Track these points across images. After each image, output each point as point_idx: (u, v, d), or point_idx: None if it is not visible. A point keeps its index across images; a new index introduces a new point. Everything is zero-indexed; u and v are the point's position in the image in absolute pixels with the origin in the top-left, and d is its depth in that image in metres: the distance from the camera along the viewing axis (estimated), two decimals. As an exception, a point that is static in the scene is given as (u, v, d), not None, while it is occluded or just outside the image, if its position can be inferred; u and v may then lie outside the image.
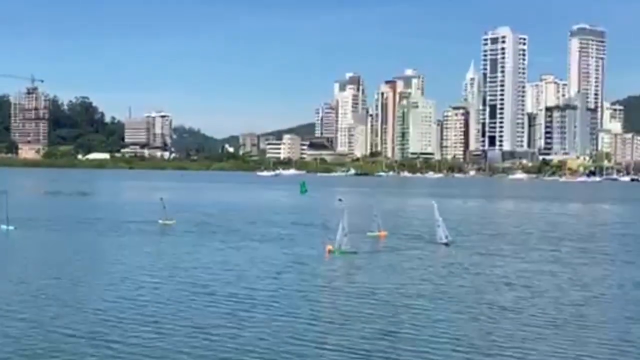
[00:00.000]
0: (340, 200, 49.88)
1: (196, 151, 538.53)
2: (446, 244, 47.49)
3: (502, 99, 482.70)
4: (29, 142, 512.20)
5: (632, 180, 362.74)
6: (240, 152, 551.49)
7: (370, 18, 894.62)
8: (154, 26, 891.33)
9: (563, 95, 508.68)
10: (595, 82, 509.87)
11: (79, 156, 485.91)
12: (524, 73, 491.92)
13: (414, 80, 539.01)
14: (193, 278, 33.65)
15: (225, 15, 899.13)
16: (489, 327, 24.48)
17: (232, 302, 27.95)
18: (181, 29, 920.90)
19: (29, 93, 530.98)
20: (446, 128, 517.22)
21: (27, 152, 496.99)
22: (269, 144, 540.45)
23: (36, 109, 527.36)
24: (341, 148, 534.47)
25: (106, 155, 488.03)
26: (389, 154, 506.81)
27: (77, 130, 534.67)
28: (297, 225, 64.63)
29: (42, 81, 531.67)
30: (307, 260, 40.66)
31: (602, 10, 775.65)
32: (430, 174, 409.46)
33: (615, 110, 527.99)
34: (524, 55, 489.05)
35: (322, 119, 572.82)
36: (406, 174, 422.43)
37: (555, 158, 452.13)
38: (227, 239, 51.72)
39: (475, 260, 41.52)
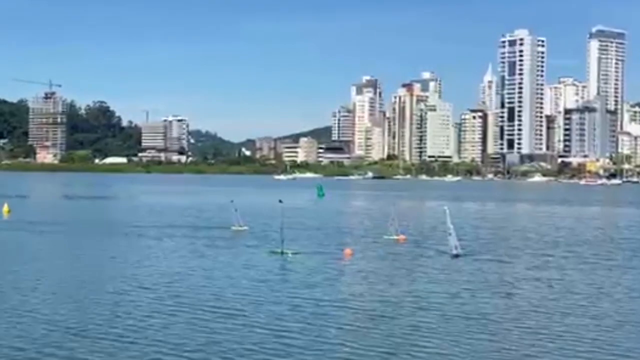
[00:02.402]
0: (280, 201, 48.36)
1: (213, 155, 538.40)
2: (456, 255, 43.40)
3: (520, 102, 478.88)
4: (46, 146, 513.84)
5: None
6: (257, 156, 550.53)
7: (387, 21, 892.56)
8: (170, 30, 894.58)
9: (582, 97, 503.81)
10: (615, 84, 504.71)
11: (96, 160, 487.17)
12: (542, 75, 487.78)
13: (432, 84, 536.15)
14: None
15: (241, 18, 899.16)
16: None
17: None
18: (198, 33, 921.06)
19: (46, 98, 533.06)
20: (464, 131, 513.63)
21: (44, 157, 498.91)
22: (285, 147, 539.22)
23: (54, 113, 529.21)
24: (358, 151, 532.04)
25: (123, 160, 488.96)
26: (407, 157, 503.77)
27: (95, 135, 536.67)
28: (319, 230, 62.87)
29: (60, 86, 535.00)
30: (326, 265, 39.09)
31: (622, 12, 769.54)
32: (448, 177, 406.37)
33: (635, 112, 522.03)
34: (542, 57, 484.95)
35: (339, 122, 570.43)
36: (424, 177, 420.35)
37: (574, 161, 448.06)
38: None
39: (483, 271, 38.68)
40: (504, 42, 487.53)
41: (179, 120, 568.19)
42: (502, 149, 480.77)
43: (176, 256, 43.85)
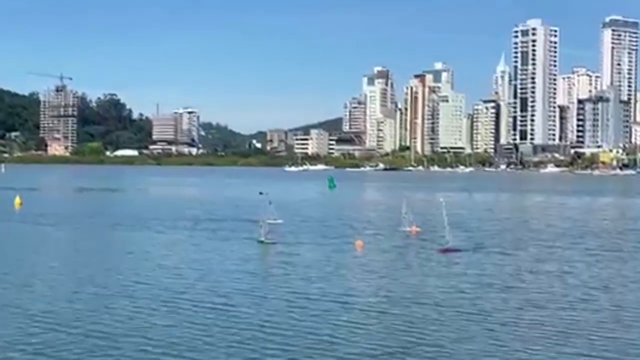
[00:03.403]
0: (261, 193, 47.81)
1: (223, 147, 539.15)
2: (446, 250, 41.75)
3: (533, 92, 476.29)
4: (57, 139, 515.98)
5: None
6: (268, 148, 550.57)
7: (398, 12, 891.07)
8: (181, 22, 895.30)
9: (595, 87, 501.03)
10: (628, 74, 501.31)
11: (107, 153, 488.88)
12: (555, 65, 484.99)
13: (444, 74, 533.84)
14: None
15: (252, 10, 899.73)
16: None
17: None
18: (208, 25, 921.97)
19: (58, 91, 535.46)
20: (476, 122, 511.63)
21: (56, 149, 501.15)
22: (296, 139, 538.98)
23: (65, 106, 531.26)
24: (370, 143, 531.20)
25: (134, 152, 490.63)
26: (419, 149, 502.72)
27: (105, 127, 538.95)
28: (330, 222, 62.10)
29: (71, 79, 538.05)
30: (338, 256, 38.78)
31: (635, 1, 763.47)
32: (461, 169, 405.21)
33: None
34: (555, 47, 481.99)
35: (350, 114, 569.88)
36: (436, 168, 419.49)
37: (587, 151, 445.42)
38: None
39: (484, 265, 37.45)
40: (516, 32, 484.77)
41: (189, 113, 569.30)
42: (515, 139, 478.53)
43: (195, 249, 43.55)
